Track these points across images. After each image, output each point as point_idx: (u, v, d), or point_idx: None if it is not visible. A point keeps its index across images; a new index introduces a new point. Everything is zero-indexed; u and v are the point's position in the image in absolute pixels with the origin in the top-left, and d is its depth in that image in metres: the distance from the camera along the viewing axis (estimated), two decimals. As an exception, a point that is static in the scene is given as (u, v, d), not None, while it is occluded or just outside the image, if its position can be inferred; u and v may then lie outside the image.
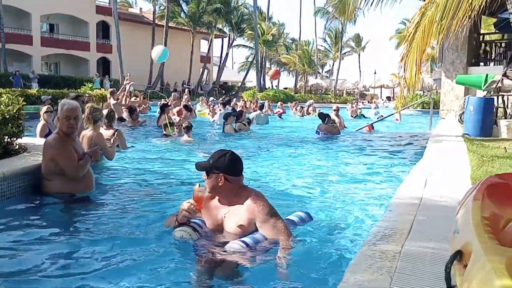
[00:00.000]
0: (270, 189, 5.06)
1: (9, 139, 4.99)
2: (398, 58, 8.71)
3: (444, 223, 2.98)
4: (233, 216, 3.10)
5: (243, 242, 2.91)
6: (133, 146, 8.20)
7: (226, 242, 2.97)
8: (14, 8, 32.40)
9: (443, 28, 7.24)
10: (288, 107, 24.55)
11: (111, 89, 16.21)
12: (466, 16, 6.71)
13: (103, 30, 40.64)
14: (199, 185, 3.32)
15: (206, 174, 3.14)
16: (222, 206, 3.18)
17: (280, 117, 19.42)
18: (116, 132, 7.64)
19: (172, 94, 20.88)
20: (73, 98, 6.06)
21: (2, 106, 4.86)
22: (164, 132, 9.96)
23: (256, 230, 3.05)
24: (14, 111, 4.96)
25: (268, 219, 3.02)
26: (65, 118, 4.49)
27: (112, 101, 13.79)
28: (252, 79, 57.43)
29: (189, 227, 3.12)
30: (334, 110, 13.92)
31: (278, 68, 20.77)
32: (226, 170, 3.09)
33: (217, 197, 3.22)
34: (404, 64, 7.90)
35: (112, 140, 7.18)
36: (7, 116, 4.80)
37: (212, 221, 3.20)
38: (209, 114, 18.09)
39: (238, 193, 3.13)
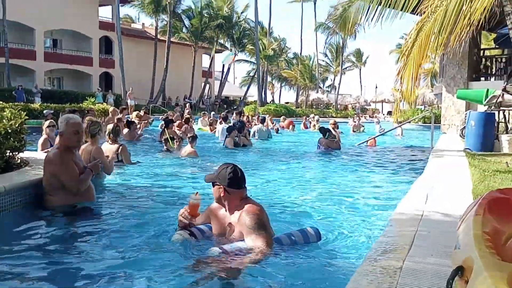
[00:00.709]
0: (270, 202, 5.04)
1: (11, 153, 5.01)
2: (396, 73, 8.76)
3: (445, 238, 2.96)
4: (232, 225, 3.32)
5: (221, 248, 3.11)
6: (139, 162, 8.15)
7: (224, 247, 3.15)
8: (18, 24, 32.73)
9: (441, 43, 7.29)
10: (299, 121, 24.67)
11: (123, 107, 16.66)
12: (464, 32, 6.75)
13: (106, 45, 40.99)
14: (197, 193, 3.51)
15: (212, 185, 3.41)
16: (227, 215, 3.41)
17: (277, 132, 19.42)
18: (120, 147, 7.66)
19: (175, 109, 21.00)
20: (70, 112, 6.09)
21: (4, 120, 4.88)
22: (165, 147, 9.96)
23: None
24: (17, 125, 4.98)
25: (251, 233, 3.17)
26: (74, 133, 4.54)
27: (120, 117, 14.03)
28: (253, 94, 57.65)
29: (186, 232, 3.38)
30: (331, 124, 13.90)
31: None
32: (226, 182, 3.32)
33: None
34: (401, 78, 7.93)
35: (111, 155, 7.19)
36: (9, 130, 4.82)
37: (218, 228, 3.46)
38: (207, 126, 18.17)
39: (240, 204, 3.32)
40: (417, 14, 8.84)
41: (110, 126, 7.87)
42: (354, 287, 2.19)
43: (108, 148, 7.62)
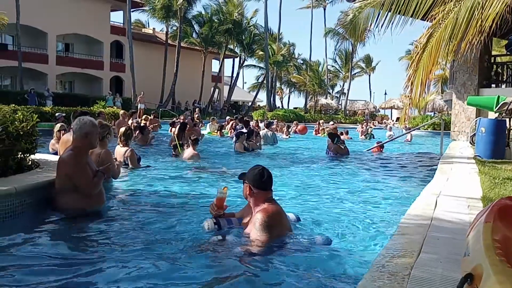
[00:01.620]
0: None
1: (22, 155, 5.05)
2: (406, 79, 8.71)
3: (454, 245, 2.95)
4: (250, 221, 3.65)
5: (222, 236, 3.61)
6: (149, 166, 8.19)
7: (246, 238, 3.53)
8: (32, 28, 33.12)
9: (452, 50, 7.25)
10: (311, 126, 24.65)
11: (132, 111, 16.86)
12: (476, 38, 6.71)
13: (117, 49, 41.32)
14: (225, 188, 3.86)
15: (242, 182, 3.69)
16: (252, 212, 3.68)
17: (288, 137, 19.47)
18: (127, 151, 7.69)
19: (184, 113, 21.13)
20: (83, 114, 6.09)
21: (16, 122, 4.93)
22: (174, 153, 9.99)
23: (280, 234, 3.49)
24: (28, 127, 5.03)
25: (254, 231, 3.45)
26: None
27: (130, 122, 14.16)
28: (262, 99, 57.77)
29: (213, 220, 3.78)
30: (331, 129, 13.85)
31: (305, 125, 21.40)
32: (252, 182, 3.60)
33: None
34: (411, 84, 7.89)
35: (119, 158, 7.24)
36: (21, 133, 4.87)
37: (245, 222, 3.76)
38: (216, 131, 18.26)
39: (263, 204, 3.56)
40: (427, 21, 8.80)
41: (122, 129, 7.91)
42: (362, 293, 2.19)
43: (118, 151, 7.69)
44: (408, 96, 8.29)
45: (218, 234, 3.67)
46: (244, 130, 13.44)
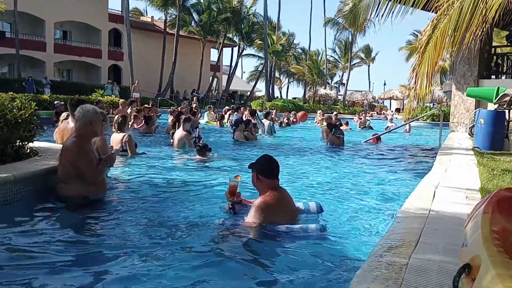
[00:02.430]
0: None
1: (20, 143, 5.04)
2: (408, 69, 8.68)
3: (452, 235, 2.96)
4: None
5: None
6: (144, 153, 8.23)
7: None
8: (29, 15, 32.89)
9: (457, 41, 7.19)
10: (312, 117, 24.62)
11: (131, 100, 17.01)
12: (479, 29, 6.67)
13: (115, 37, 41.08)
14: (238, 176, 4.10)
15: (252, 171, 3.85)
16: None
17: (281, 126, 19.50)
18: (125, 137, 7.74)
19: (182, 102, 21.10)
20: (79, 102, 6.06)
21: (14, 110, 4.91)
22: (172, 140, 10.01)
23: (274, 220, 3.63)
24: (27, 115, 5.01)
25: (248, 215, 3.71)
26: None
27: (129, 110, 14.27)
28: (261, 89, 57.63)
29: (229, 205, 4.08)
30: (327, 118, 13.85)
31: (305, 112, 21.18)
32: (258, 170, 3.78)
33: None
34: (416, 76, 7.84)
35: (116, 145, 7.31)
36: (19, 120, 4.86)
37: None
38: (215, 120, 18.23)
39: (267, 192, 3.72)
40: (428, 11, 8.76)
41: (116, 117, 8.04)
42: (359, 282, 2.20)
43: (114, 138, 7.77)
44: (413, 87, 8.25)
45: (221, 218, 3.96)
46: (248, 119, 13.41)
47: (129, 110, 14.44)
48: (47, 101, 16.75)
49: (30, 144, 5.36)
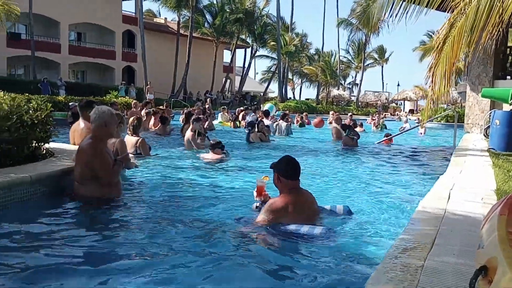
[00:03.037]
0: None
1: (37, 144, 5.11)
2: (423, 70, 8.60)
3: (468, 237, 2.93)
4: None
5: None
6: (157, 154, 8.29)
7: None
8: (44, 17, 33.32)
9: (473, 41, 7.11)
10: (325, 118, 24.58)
11: (146, 101, 17.15)
12: (496, 29, 6.59)
13: (129, 39, 41.41)
14: (266, 177, 4.22)
15: (273, 171, 3.89)
16: None
17: (301, 126, 19.59)
18: (139, 141, 7.79)
19: (196, 104, 21.19)
20: (89, 103, 6.12)
21: (31, 111, 4.98)
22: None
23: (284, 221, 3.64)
24: (43, 116, 5.07)
25: (260, 212, 3.78)
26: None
27: (143, 112, 14.38)
28: (274, 90, 57.61)
29: (257, 204, 4.20)
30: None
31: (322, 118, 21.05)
32: (279, 171, 3.81)
33: None
34: (432, 76, 7.75)
35: (129, 148, 7.33)
36: (36, 121, 4.92)
37: None
38: (229, 121, 18.29)
39: (286, 192, 3.77)
40: (443, 11, 8.67)
41: (130, 119, 8.06)
42: (374, 284, 2.19)
43: (128, 141, 7.80)
44: (430, 88, 8.16)
45: (233, 218, 4.04)
46: (260, 120, 13.39)
47: (143, 112, 14.55)
48: (62, 103, 16.95)
49: (46, 145, 5.42)
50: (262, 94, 52.96)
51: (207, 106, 22.62)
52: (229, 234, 3.62)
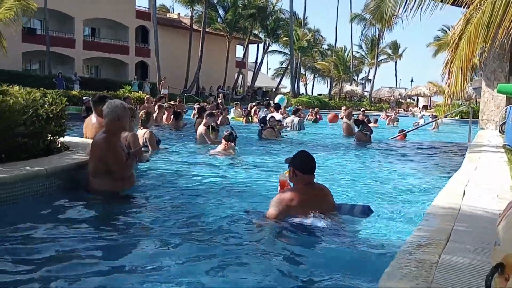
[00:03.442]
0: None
1: (52, 138, 5.16)
2: (437, 66, 8.51)
3: (483, 234, 2.90)
4: None
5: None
6: (166, 148, 8.34)
7: None
8: (59, 13, 33.58)
9: (489, 36, 7.00)
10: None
11: (160, 96, 17.27)
12: (512, 25, 6.49)
13: (142, 34, 41.57)
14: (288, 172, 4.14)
15: (288, 166, 3.93)
16: None
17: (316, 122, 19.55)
18: (146, 133, 7.83)
19: (208, 99, 21.25)
20: (101, 98, 6.16)
21: (46, 105, 5.03)
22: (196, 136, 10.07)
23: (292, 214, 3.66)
24: (58, 110, 5.12)
25: (271, 203, 3.78)
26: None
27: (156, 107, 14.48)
28: (286, 85, 57.50)
29: None
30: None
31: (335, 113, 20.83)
32: (295, 165, 3.83)
33: None
34: (449, 72, 7.65)
35: (141, 140, 7.38)
36: (51, 115, 4.97)
37: None
38: (241, 116, 18.30)
39: (301, 187, 3.81)
40: (459, 6, 8.56)
41: (140, 113, 8.11)
42: (387, 280, 2.18)
43: (138, 134, 7.86)
44: (447, 84, 8.06)
45: (249, 210, 4.11)
46: (271, 116, 13.33)
47: (156, 106, 14.62)
48: (77, 97, 17.10)
49: (61, 139, 5.48)
50: (274, 89, 52.81)
51: (219, 101, 22.66)
52: (240, 226, 3.63)
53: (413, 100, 56.51)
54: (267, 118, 12.24)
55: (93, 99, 6.42)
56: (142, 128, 7.98)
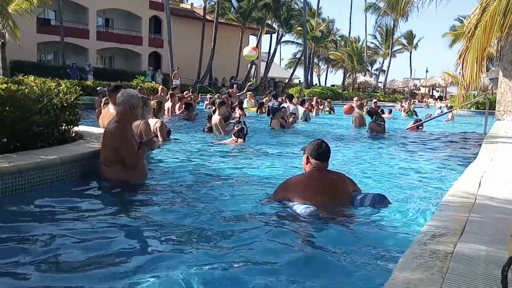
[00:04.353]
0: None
1: (66, 127, 5.20)
2: (452, 56, 8.38)
3: (499, 225, 2.86)
4: None
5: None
6: (177, 139, 8.37)
7: None
8: (73, 3, 33.77)
9: (506, 24, 6.86)
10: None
11: (173, 86, 17.25)
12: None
13: (155, 25, 41.59)
14: None
15: (303, 153, 4.08)
16: None
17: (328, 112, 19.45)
18: (157, 123, 7.86)
19: (220, 90, 21.27)
20: (114, 87, 6.19)
21: (60, 94, 5.07)
22: (207, 127, 10.08)
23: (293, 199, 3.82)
24: (72, 99, 5.16)
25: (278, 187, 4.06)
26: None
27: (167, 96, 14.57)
28: (299, 76, 57.16)
29: None
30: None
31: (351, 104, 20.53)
32: (310, 151, 3.97)
33: None
34: (463, 62, 7.52)
35: (152, 130, 7.40)
36: (65, 104, 5.00)
37: None
38: (254, 107, 18.30)
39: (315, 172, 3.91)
40: (476, -7, 8.40)
41: (152, 102, 8.11)
42: (402, 269, 2.16)
43: (149, 123, 7.89)
44: (461, 74, 7.93)
45: (255, 202, 4.09)
46: (283, 106, 13.28)
47: (168, 95, 14.69)
48: (90, 87, 17.23)
49: (75, 128, 5.52)
50: (287, 80, 52.57)
51: (232, 91, 22.66)
52: (251, 220, 3.60)
53: (435, 89, 55.70)
54: (278, 109, 12.18)
55: (108, 89, 6.45)
56: (153, 117, 7.99)
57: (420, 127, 13.22)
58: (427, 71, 58.42)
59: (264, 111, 17.38)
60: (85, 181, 4.55)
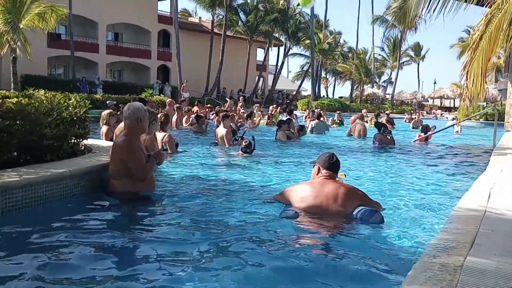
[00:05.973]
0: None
1: (75, 140, 5.25)
2: (461, 67, 8.32)
3: (509, 237, 2.83)
4: None
5: None
6: (185, 151, 8.40)
7: None
8: (83, 18, 34.21)
9: (511, 36, 6.85)
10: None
11: (182, 99, 17.25)
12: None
13: (164, 38, 42.02)
14: (343, 174, 4.61)
15: (313, 166, 4.30)
16: None
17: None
18: (165, 136, 7.90)
19: (228, 101, 21.39)
20: (140, 100, 6.25)
21: (70, 108, 5.12)
22: (215, 140, 10.11)
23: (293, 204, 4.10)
24: (81, 113, 5.21)
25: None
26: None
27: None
28: (307, 88, 57.20)
29: None
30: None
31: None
32: (322, 163, 4.18)
33: None
34: (467, 73, 7.50)
35: (161, 144, 7.44)
36: (75, 118, 5.05)
37: None
38: (263, 119, 18.35)
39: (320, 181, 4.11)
40: (483, 5, 8.41)
41: (160, 115, 8.16)
42: (410, 283, 2.14)
43: (157, 136, 7.93)
44: (464, 85, 7.92)
45: (263, 212, 4.20)
46: (288, 118, 13.35)
47: (174, 107, 14.74)
48: (100, 101, 17.39)
49: (85, 142, 5.56)
50: (294, 92, 52.65)
51: (240, 104, 22.77)
52: (260, 231, 3.60)
53: (445, 98, 55.45)
54: (287, 121, 12.24)
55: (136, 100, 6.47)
56: (161, 131, 8.02)
57: (427, 139, 13.14)
58: (435, 83, 58.33)
59: (275, 121, 17.47)
60: (94, 194, 4.58)
